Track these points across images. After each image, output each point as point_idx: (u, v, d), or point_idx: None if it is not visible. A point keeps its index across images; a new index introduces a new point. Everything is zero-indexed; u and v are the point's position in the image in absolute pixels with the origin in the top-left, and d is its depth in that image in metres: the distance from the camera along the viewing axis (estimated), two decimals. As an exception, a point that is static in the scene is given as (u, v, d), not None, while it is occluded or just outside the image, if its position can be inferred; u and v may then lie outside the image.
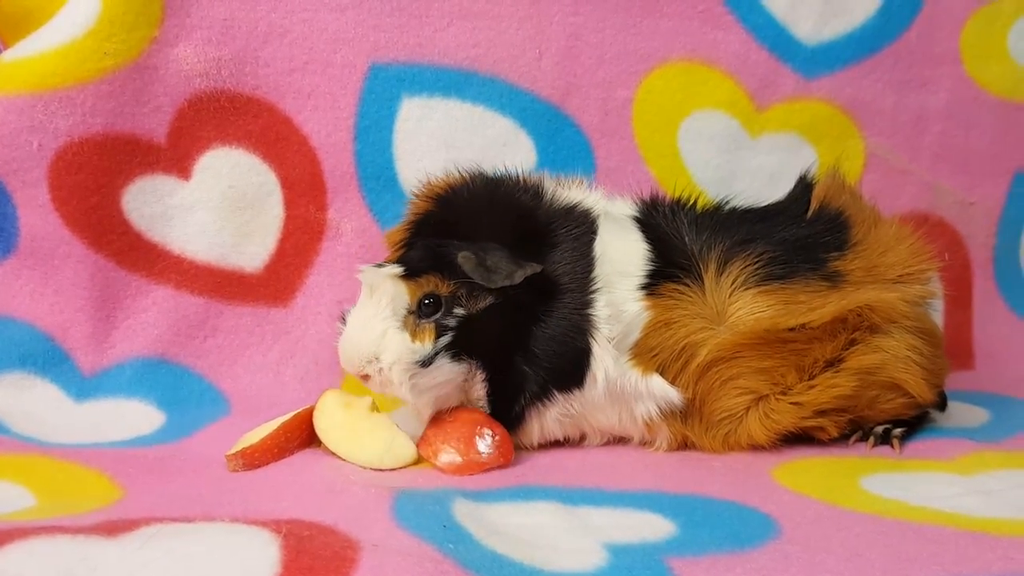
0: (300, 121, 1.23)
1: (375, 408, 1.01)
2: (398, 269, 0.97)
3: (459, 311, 0.96)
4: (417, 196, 1.06)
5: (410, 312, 0.97)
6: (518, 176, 1.06)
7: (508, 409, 1.00)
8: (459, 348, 0.96)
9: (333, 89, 1.23)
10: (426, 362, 0.95)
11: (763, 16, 1.36)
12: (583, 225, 1.01)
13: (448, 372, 0.96)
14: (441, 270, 0.96)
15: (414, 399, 0.97)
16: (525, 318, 0.98)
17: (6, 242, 1.14)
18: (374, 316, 0.96)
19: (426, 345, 0.95)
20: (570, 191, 1.06)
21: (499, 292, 0.96)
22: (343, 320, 1.01)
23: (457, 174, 1.05)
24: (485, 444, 0.96)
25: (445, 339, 0.95)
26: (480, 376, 0.99)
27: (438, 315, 0.96)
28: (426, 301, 0.96)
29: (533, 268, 0.95)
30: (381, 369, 0.96)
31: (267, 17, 1.21)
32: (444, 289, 0.96)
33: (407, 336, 0.96)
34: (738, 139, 1.38)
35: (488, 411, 1.00)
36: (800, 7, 1.37)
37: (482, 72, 1.28)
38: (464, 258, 0.94)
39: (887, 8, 1.40)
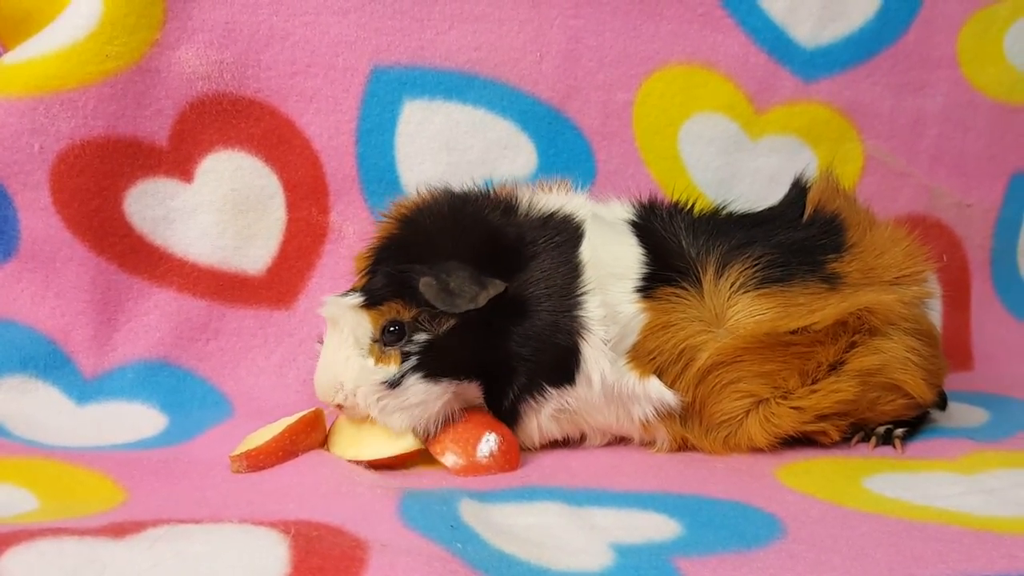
0: (302, 124, 1.23)
1: None
2: (358, 299, 0.97)
3: (422, 336, 0.96)
4: (384, 216, 1.05)
5: (374, 341, 0.97)
6: (489, 191, 1.05)
7: (499, 405, 1.00)
8: (429, 369, 0.95)
9: (335, 92, 1.23)
10: (393, 383, 0.95)
11: (762, 19, 1.37)
12: (564, 232, 1.01)
13: (421, 393, 0.95)
14: (403, 296, 0.96)
15: (385, 420, 0.96)
16: (496, 332, 0.97)
17: (7, 245, 1.14)
18: (338, 348, 0.97)
19: (390, 368, 0.95)
20: (550, 198, 1.05)
21: (464, 313, 0.95)
22: (320, 341, 1.02)
23: (425, 193, 1.05)
24: (487, 448, 0.96)
25: (410, 362, 0.95)
26: (473, 385, 0.99)
27: (402, 342, 0.96)
28: (390, 328, 0.96)
29: (496, 288, 0.94)
30: (347, 396, 0.96)
31: (269, 20, 1.21)
32: (407, 315, 0.96)
33: (371, 360, 0.96)
34: (738, 141, 1.38)
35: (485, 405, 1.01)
36: (799, 10, 1.38)
37: (483, 75, 1.28)
38: (426, 285, 0.93)
39: (885, 11, 1.41)
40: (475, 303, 0.93)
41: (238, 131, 1.21)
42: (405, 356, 0.95)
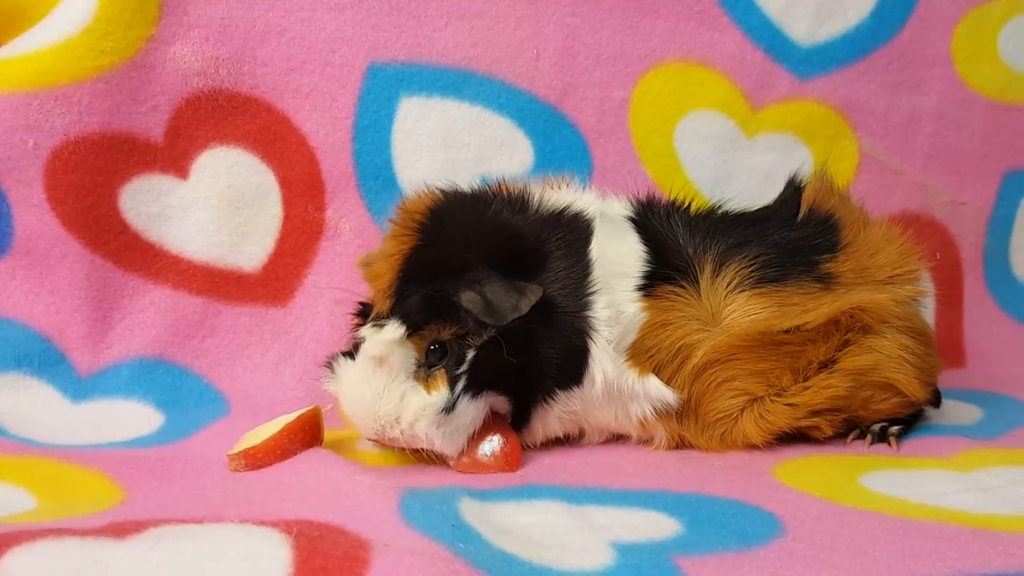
0: (298, 120, 1.23)
1: None
2: (400, 330, 0.95)
3: (470, 353, 0.95)
4: (398, 225, 1.01)
5: (419, 365, 0.96)
6: (501, 189, 1.04)
7: (525, 413, 1.01)
8: (478, 386, 0.95)
9: (332, 88, 1.23)
10: (449, 408, 0.94)
11: (758, 17, 1.37)
12: (576, 230, 1.01)
13: (474, 411, 0.95)
14: (442, 315, 0.95)
15: (448, 447, 0.95)
16: (528, 334, 0.97)
17: (1, 242, 1.13)
18: (388, 384, 0.95)
19: (442, 392, 0.94)
20: (560, 194, 1.05)
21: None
22: (330, 367, 1.00)
23: (434, 195, 1.03)
24: (490, 447, 0.97)
25: (462, 382, 0.94)
26: (503, 399, 0.99)
27: (446, 360, 0.95)
28: (431, 348, 0.95)
29: (536, 293, 0.94)
30: (403, 430, 0.95)
31: (265, 16, 1.20)
32: (447, 334, 0.95)
33: (422, 391, 0.95)
34: (734, 139, 1.38)
35: (510, 420, 1.01)
36: (795, 8, 1.38)
37: (480, 72, 1.28)
38: (470, 301, 0.92)
39: (880, 10, 1.41)
40: (518, 311, 0.92)
41: (234, 127, 1.21)
42: (454, 378, 0.94)
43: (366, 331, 0.98)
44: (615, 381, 1.00)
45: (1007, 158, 1.53)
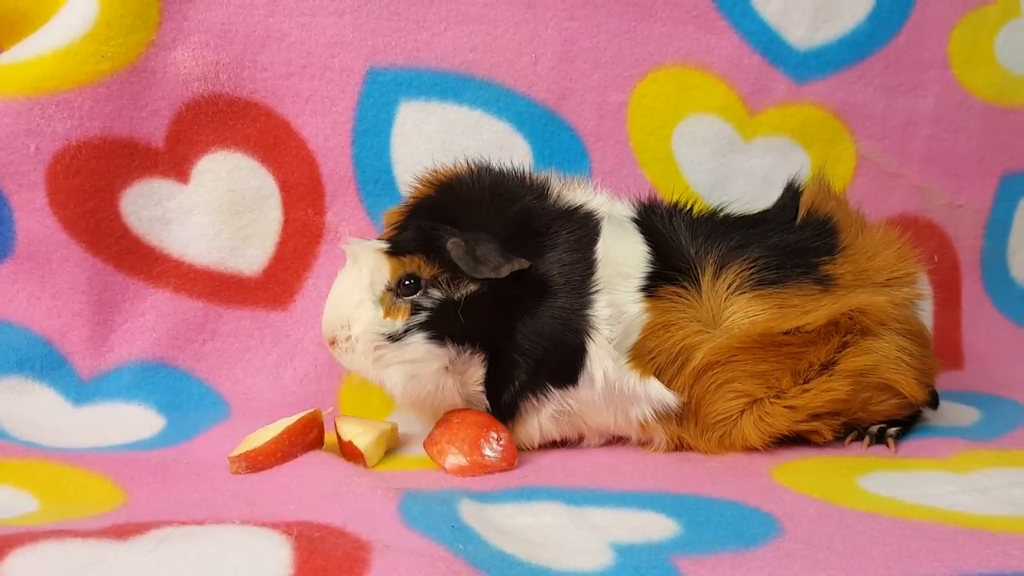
0: (298, 125, 1.23)
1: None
2: (383, 245, 1.00)
3: (437, 294, 0.98)
4: (420, 181, 1.07)
5: (389, 289, 0.99)
6: (525, 173, 1.07)
7: (499, 397, 1.01)
8: (435, 330, 0.97)
9: (331, 93, 1.23)
10: (395, 337, 0.97)
11: (756, 21, 1.38)
12: (585, 228, 1.02)
13: (420, 351, 0.97)
14: (427, 252, 0.98)
15: (376, 372, 0.99)
16: (511, 313, 0.99)
17: (3, 246, 1.14)
18: (353, 284, 0.99)
19: (397, 321, 0.97)
20: (575, 193, 1.07)
21: (483, 282, 0.97)
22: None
23: (464, 164, 1.06)
24: (491, 448, 0.97)
25: (419, 318, 0.97)
26: (477, 360, 1.00)
27: (416, 295, 0.98)
28: (406, 281, 0.98)
29: (520, 264, 0.96)
30: (349, 337, 0.99)
31: (265, 21, 1.21)
32: (427, 272, 0.98)
33: (380, 311, 0.98)
34: (731, 143, 1.39)
35: (483, 396, 1.02)
36: (792, 12, 1.38)
37: (479, 76, 1.28)
38: (453, 244, 0.95)
39: (877, 13, 1.42)
40: (497, 273, 0.94)
41: (234, 132, 1.21)
42: (415, 310, 0.97)
43: (353, 239, 1.03)
44: (616, 382, 1.01)
45: (1004, 160, 1.53)
